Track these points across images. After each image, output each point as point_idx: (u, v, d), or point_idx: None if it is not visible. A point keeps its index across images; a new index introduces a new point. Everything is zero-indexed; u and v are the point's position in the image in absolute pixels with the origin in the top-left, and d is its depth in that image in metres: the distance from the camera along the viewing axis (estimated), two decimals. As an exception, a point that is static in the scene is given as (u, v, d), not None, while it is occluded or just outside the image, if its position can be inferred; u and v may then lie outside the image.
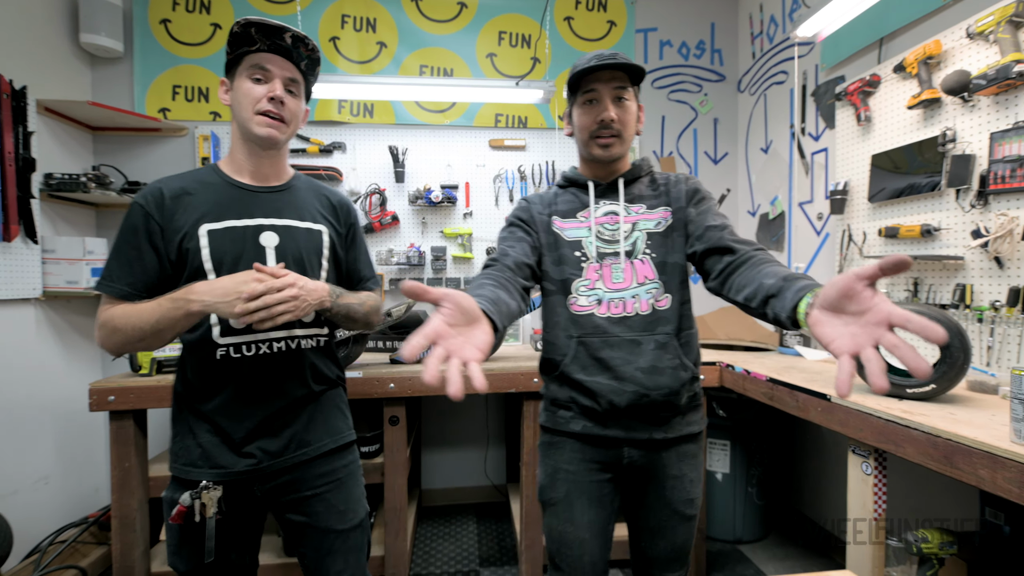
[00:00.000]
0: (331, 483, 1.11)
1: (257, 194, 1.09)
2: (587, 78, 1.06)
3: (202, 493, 0.99)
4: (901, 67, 1.78)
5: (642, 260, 1.10)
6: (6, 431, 1.95)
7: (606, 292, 1.09)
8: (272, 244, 1.06)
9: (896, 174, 1.83)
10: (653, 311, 1.08)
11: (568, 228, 1.14)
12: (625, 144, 1.10)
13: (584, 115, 1.09)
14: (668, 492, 1.10)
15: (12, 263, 1.95)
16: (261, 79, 1.03)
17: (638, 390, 1.05)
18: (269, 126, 1.03)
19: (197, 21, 2.54)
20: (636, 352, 1.06)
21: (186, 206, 1.03)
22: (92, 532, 2.12)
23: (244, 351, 1.03)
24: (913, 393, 1.35)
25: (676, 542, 1.12)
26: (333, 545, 1.10)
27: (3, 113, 1.88)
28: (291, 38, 1.03)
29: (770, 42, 2.62)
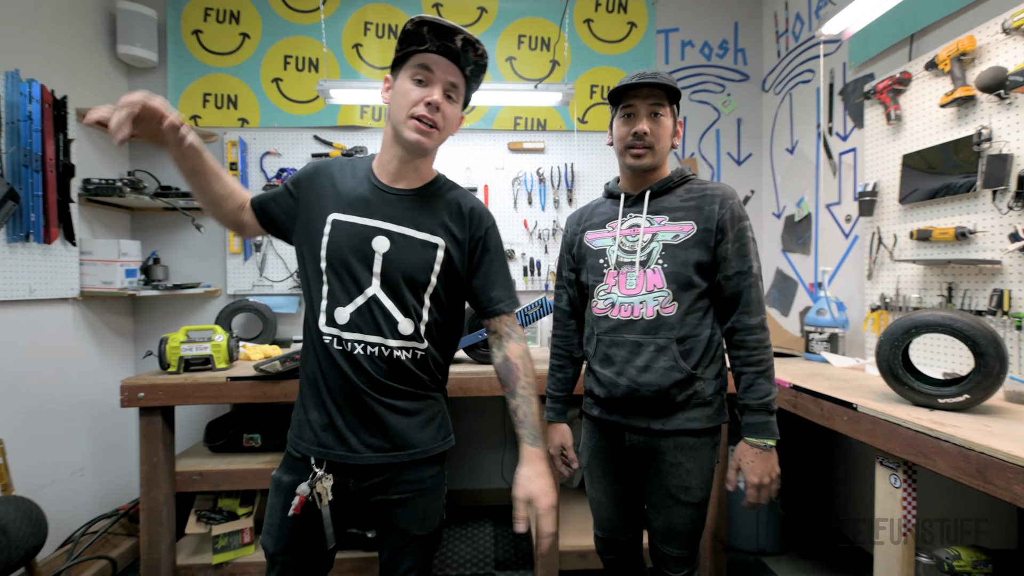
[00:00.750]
0: (417, 491, 1.10)
1: (386, 194, 1.08)
2: (627, 94, 1.19)
3: (317, 483, 1.03)
4: (933, 64, 1.71)
5: (654, 270, 1.19)
6: (45, 424, 2.04)
7: (619, 297, 1.22)
8: (382, 250, 1.04)
9: (929, 174, 1.76)
10: (658, 317, 1.18)
11: (596, 239, 1.29)
12: (657, 156, 1.21)
13: (621, 127, 1.22)
14: (664, 476, 1.23)
15: (52, 264, 2.04)
16: (423, 80, 1.01)
17: (630, 385, 1.19)
18: (419, 131, 1.01)
19: (227, 31, 2.62)
20: (636, 353, 1.19)
21: (329, 189, 1.09)
22: (122, 524, 2.20)
23: (336, 345, 1.05)
24: (945, 403, 1.29)
25: (672, 522, 1.24)
26: (408, 547, 1.12)
27: (45, 122, 1.97)
28: (462, 41, 0.99)
29: (796, 40, 2.56)
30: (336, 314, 1.04)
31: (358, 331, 1.04)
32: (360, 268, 1.04)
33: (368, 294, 1.04)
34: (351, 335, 1.04)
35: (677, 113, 1.24)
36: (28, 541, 1.67)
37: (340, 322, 1.04)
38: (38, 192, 1.94)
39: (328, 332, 1.05)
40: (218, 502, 2.06)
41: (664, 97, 1.18)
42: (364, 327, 1.04)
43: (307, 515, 1.06)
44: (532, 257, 2.71)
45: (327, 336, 1.05)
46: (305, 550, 1.09)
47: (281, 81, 2.64)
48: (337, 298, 1.05)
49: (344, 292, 1.05)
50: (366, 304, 1.04)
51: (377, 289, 1.04)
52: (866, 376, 1.75)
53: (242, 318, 2.54)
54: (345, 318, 1.04)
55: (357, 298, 1.04)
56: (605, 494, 1.34)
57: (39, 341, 2.02)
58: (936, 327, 1.30)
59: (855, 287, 2.19)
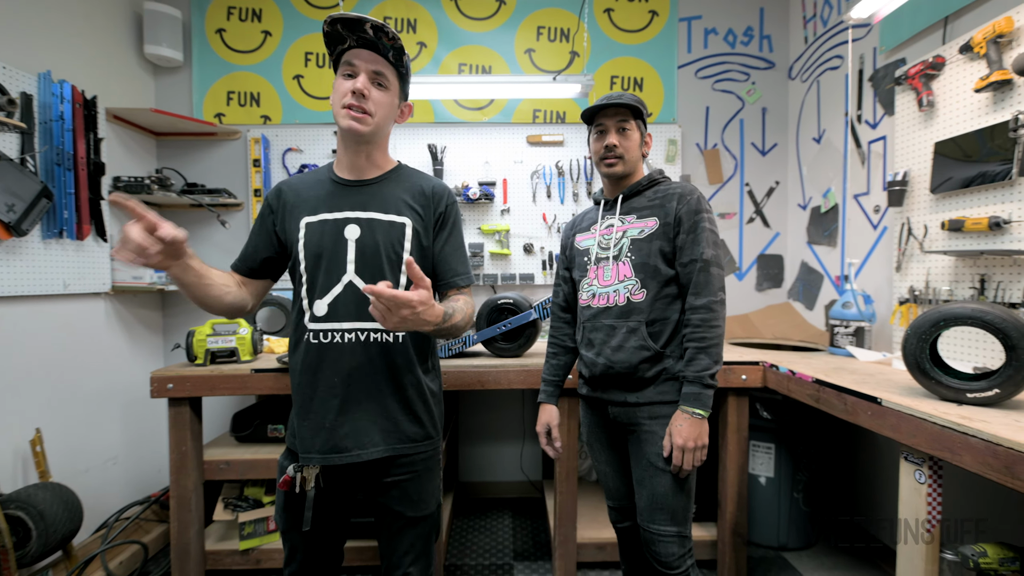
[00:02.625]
0: (410, 473, 1.16)
1: (348, 187, 1.16)
2: (598, 114, 1.38)
3: (303, 468, 1.10)
4: (968, 47, 1.65)
5: (624, 262, 1.36)
6: (81, 414, 2.13)
7: (598, 288, 1.39)
8: (353, 237, 1.12)
9: (962, 162, 1.70)
10: (628, 303, 1.34)
11: (583, 240, 1.48)
12: (628, 164, 1.38)
13: (595, 142, 1.41)
14: (644, 445, 1.34)
15: (84, 260, 2.12)
16: (351, 74, 1.09)
17: (606, 363, 1.36)
18: (351, 118, 1.08)
19: (249, 29, 2.66)
20: (611, 335, 1.36)
21: (295, 200, 1.17)
22: (154, 510, 2.28)
23: (312, 339, 1.11)
24: (974, 398, 1.25)
25: (655, 492, 1.32)
26: (403, 530, 1.17)
27: (76, 121, 2.04)
28: (372, 29, 1.05)
29: (824, 25, 2.49)
30: (315, 307, 1.11)
31: (335, 320, 1.10)
32: (335, 259, 1.11)
33: (344, 281, 1.11)
34: (329, 324, 1.10)
35: (644, 127, 1.41)
36: (65, 526, 1.75)
37: (319, 314, 1.11)
38: (70, 190, 2.01)
39: (311, 328, 1.11)
40: (244, 490, 2.11)
41: (629, 114, 1.36)
42: (342, 314, 1.10)
43: (297, 496, 1.12)
44: (551, 251, 2.71)
45: (309, 332, 1.12)
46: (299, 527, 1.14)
47: (302, 78, 2.68)
48: (315, 293, 1.12)
49: (321, 285, 1.11)
50: (343, 292, 1.11)
51: (352, 275, 1.11)
52: (892, 370, 1.71)
53: (266, 312, 2.60)
54: (323, 309, 1.11)
55: (334, 288, 1.11)
56: (608, 464, 1.50)
57: (73, 334, 2.10)
58: (966, 320, 1.26)
59: (883, 280, 2.13)
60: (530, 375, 1.96)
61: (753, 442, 2.21)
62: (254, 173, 2.64)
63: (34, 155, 1.87)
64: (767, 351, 2.18)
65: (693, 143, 2.78)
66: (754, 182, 2.81)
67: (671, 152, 2.73)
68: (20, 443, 1.84)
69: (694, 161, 2.79)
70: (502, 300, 2.05)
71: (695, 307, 1.29)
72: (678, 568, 1.32)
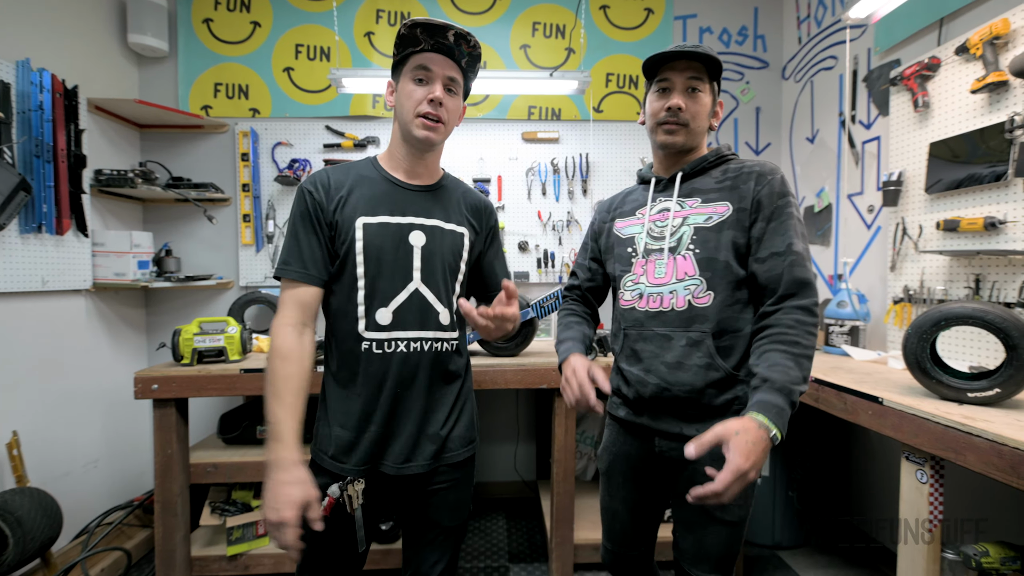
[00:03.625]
0: (452, 481, 1.13)
1: (410, 192, 1.11)
2: (663, 67, 1.08)
3: (348, 486, 1.04)
4: (964, 48, 1.66)
5: (684, 256, 1.09)
6: (59, 416, 2.05)
7: (647, 287, 1.12)
8: (419, 244, 1.07)
9: (957, 163, 1.71)
10: (690, 307, 1.07)
11: (625, 227, 1.20)
12: (692, 135, 1.11)
13: (655, 102, 1.11)
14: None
15: (64, 256, 2.04)
16: (423, 80, 1.04)
17: (660, 383, 1.08)
18: (427, 128, 1.04)
19: (237, 19, 2.59)
20: (665, 347, 1.09)
21: (347, 197, 1.07)
22: (137, 515, 2.21)
23: (376, 348, 1.04)
24: (975, 398, 1.25)
25: (705, 542, 1.10)
26: (437, 539, 1.13)
27: (56, 112, 1.96)
28: (453, 36, 1.02)
29: (818, 26, 2.50)
30: (378, 316, 1.05)
31: (400, 328, 1.05)
32: (400, 265, 1.06)
33: (410, 289, 1.06)
34: (392, 334, 1.05)
35: (718, 91, 1.14)
36: (43, 532, 1.68)
37: (382, 323, 1.05)
38: (50, 183, 1.93)
39: (369, 337, 1.04)
40: (232, 494, 2.06)
41: (703, 71, 1.08)
42: (406, 323, 1.06)
43: (337, 516, 1.05)
44: (546, 249, 2.68)
45: (367, 341, 1.04)
46: (336, 551, 1.08)
47: (292, 70, 2.62)
48: (377, 299, 1.05)
49: (384, 292, 1.05)
50: (408, 300, 1.06)
51: (419, 283, 1.07)
52: (889, 369, 1.72)
53: (254, 310, 2.53)
54: (388, 318, 1.05)
55: (399, 295, 1.06)
56: (623, 503, 1.22)
57: (52, 333, 2.02)
58: (966, 319, 1.26)
59: (877, 279, 2.14)
60: (527, 375, 1.93)
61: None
62: (242, 167, 2.58)
63: (11, 146, 1.79)
64: (762, 350, 2.18)
65: (688, 142, 2.78)
66: (748, 182, 2.81)
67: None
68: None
69: (688, 160, 2.79)
70: (498, 299, 2.02)
71: (791, 307, 1.00)
72: None
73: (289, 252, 1.04)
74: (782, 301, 1.01)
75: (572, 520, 1.97)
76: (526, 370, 1.93)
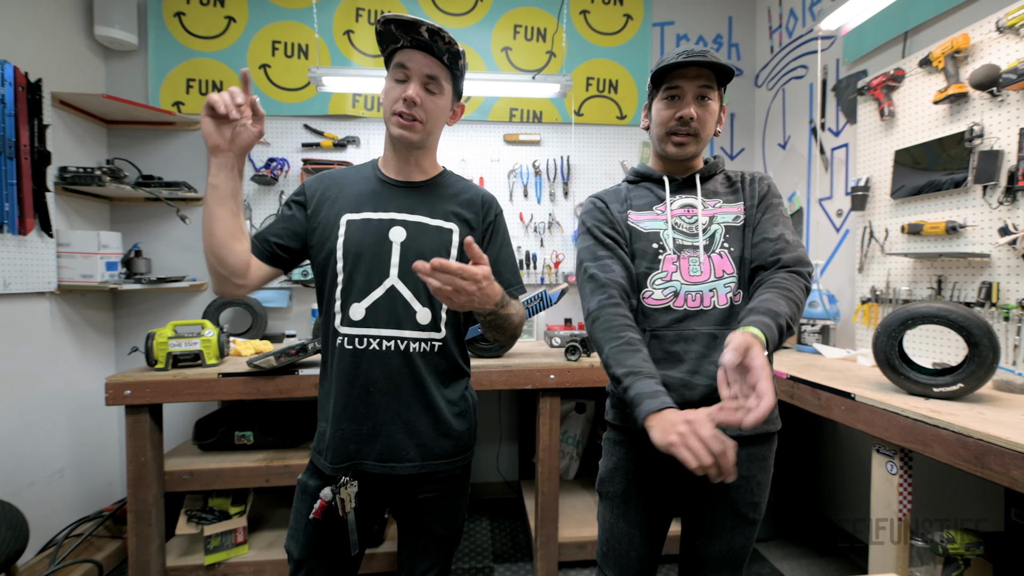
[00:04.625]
0: (444, 490, 1.10)
1: (395, 188, 1.10)
2: (673, 73, 1.06)
3: (341, 489, 1.02)
4: (927, 61, 1.75)
5: (720, 254, 1.07)
6: (23, 424, 1.95)
7: (683, 285, 1.07)
8: (399, 239, 1.06)
9: (921, 170, 1.80)
10: (731, 305, 1.06)
11: (644, 220, 1.12)
12: (701, 144, 1.10)
13: (664, 110, 1.08)
14: (733, 492, 1.06)
15: (27, 256, 1.95)
16: (402, 78, 1.03)
17: (711, 383, 1.01)
18: (401, 127, 1.04)
19: (211, 14, 2.52)
20: (713, 346, 1.04)
21: (337, 195, 1.09)
22: (107, 526, 2.13)
23: (347, 344, 1.03)
24: (940, 392, 1.33)
25: (733, 545, 1.09)
26: (429, 547, 1.12)
27: (19, 106, 1.87)
28: (427, 31, 0.99)
29: (789, 36, 2.59)
30: (351, 311, 1.03)
31: (373, 326, 1.03)
32: (378, 261, 1.04)
33: (386, 285, 1.04)
34: (365, 331, 1.03)
35: (723, 98, 1.12)
36: (8, 546, 1.59)
37: (355, 318, 1.03)
38: (12, 180, 1.84)
39: (343, 332, 1.04)
40: (208, 501, 2.00)
41: (714, 79, 1.06)
42: (379, 321, 1.03)
43: (331, 519, 1.04)
44: (528, 250, 2.70)
45: (341, 336, 1.04)
46: (330, 555, 1.07)
47: (269, 67, 2.56)
48: (351, 295, 1.04)
49: (360, 288, 1.04)
50: (383, 296, 1.04)
51: (395, 279, 1.05)
52: (858, 367, 1.79)
53: (230, 312, 2.47)
54: (360, 314, 1.03)
55: (375, 291, 1.04)
56: (640, 528, 1.12)
57: (14, 338, 1.93)
58: (932, 318, 1.34)
59: (845, 280, 2.23)
60: (512, 375, 1.94)
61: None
62: (216, 166, 2.50)
63: (-29, 141, 1.70)
64: (739, 349, 2.24)
65: (665, 146, 2.84)
66: (722, 185, 2.90)
67: (645, 154, 2.77)
68: (-46, 458, 1.67)
69: (666, 164, 2.85)
70: (483, 300, 2.02)
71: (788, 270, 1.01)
72: None
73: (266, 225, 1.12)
74: (780, 268, 1.02)
75: (556, 519, 1.99)
76: (511, 371, 1.94)
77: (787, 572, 2.08)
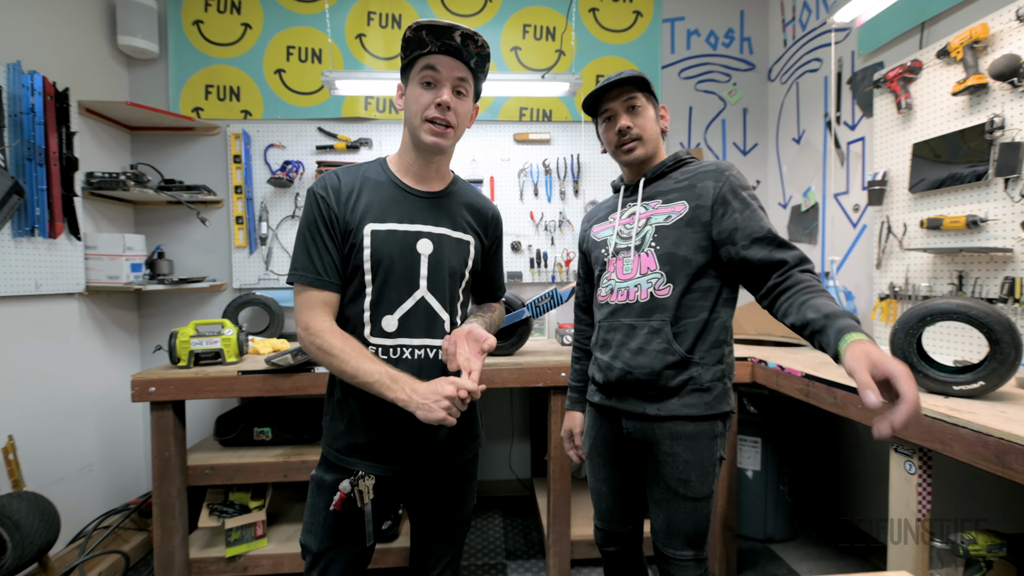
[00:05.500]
0: (455, 478, 1.16)
1: (419, 198, 1.09)
2: (601, 100, 1.22)
3: (360, 481, 1.04)
4: (945, 52, 1.71)
5: (647, 252, 1.20)
6: (53, 420, 2.03)
7: (617, 283, 1.23)
8: (427, 252, 1.07)
9: (939, 163, 1.76)
10: (652, 299, 1.17)
11: (600, 231, 1.32)
12: (648, 144, 1.22)
13: (607, 132, 1.25)
14: (662, 467, 1.18)
15: (57, 259, 2.02)
16: (431, 82, 1.02)
17: (623, 368, 1.19)
18: (435, 134, 1.03)
19: (228, 21, 2.58)
20: (631, 335, 1.19)
21: (356, 201, 1.05)
22: (133, 519, 2.20)
23: (381, 355, 1.04)
24: (960, 390, 1.30)
25: (673, 519, 1.19)
26: (443, 531, 1.17)
27: (47, 114, 1.94)
28: (461, 36, 0.99)
29: (803, 29, 2.55)
30: (383, 323, 1.05)
31: (406, 335, 1.06)
32: (407, 273, 1.06)
33: (416, 297, 1.07)
34: (398, 341, 1.06)
35: (656, 100, 1.25)
36: (41, 536, 1.67)
37: (388, 330, 1.05)
38: (42, 186, 1.92)
39: (374, 342, 1.05)
40: (229, 496, 2.05)
41: (635, 89, 1.19)
42: (412, 331, 1.06)
43: (348, 511, 1.06)
44: (539, 249, 2.71)
45: (373, 347, 1.04)
46: (348, 546, 1.09)
47: (284, 72, 2.61)
48: (383, 307, 1.05)
49: (390, 300, 1.05)
50: (414, 307, 1.06)
51: (425, 291, 1.07)
52: (876, 364, 1.76)
53: (249, 312, 2.53)
54: (393, 325, 1.05)
55: (405, 303, 1.06)
56: (605, 483, 1.33)
57: (46, 337, 2.01)
58: (951, 315, 1.31)
59: (863, 276, 2.19)
60: (523, 373, 1.95)
61: (740, 436, 2.25)
62: (235, 169, 2.57)
63: (3, 149, 1.78)
64: (751, 347, 2.23)
65: (677, 143, 2.82)
66: (737, 181, 2.87)
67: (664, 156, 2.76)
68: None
69: (679, 160, 2.83)
70: (494, 298, 2.04)
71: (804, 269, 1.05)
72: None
73: (300, 258, 1.03)
74: (793, 268, 1.05)
75: (568, 516, 2.00)
76: (522, 369, 1.95)
77: (803, 574, 2.05)
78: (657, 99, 1.25)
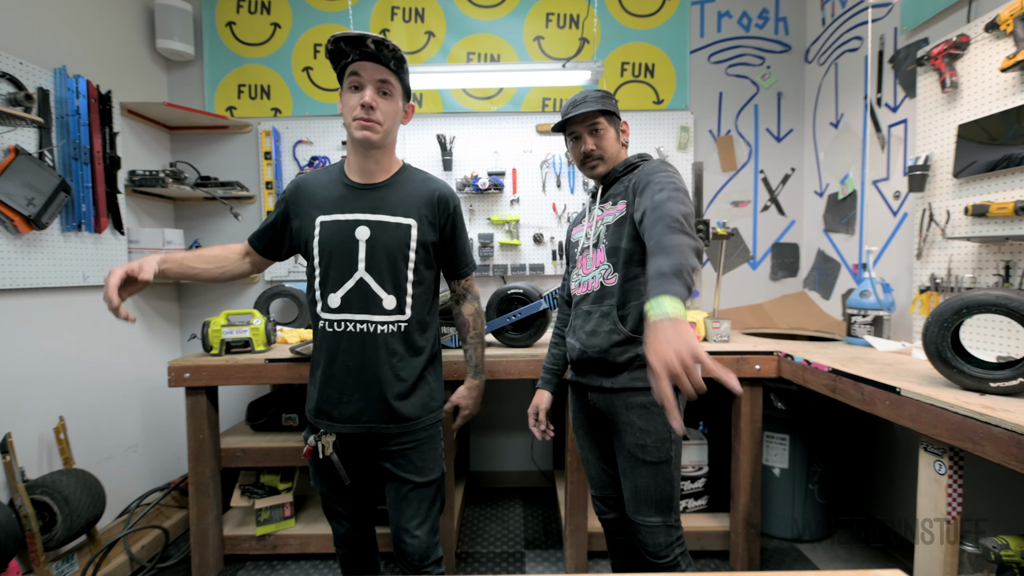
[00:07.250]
0: (413, 443, 1.30)
1: (359, 191, 1.27)
2: (568, 124, 1.38)
3: (321, 437, 1.27)
4: (994, 25, 1.58)
5: (599, 248, 1.37)
6: (102, 403, 2.18)
7: (582, 276, 1.42)
8: (364, 238, 1.24)
9: (988, 145, 1.64)
10: (602, 288, 1.35)
11: (576, 233, 1.51)
12: (609, 162, 1.39)
13: (573, 150, 1.41)
14: (622, 436, 1.33)
15: (103, 252, 2.16)
16: (357, 86, 1.18)
17: (581, 347, 1.37)
18: (364, 129, 1.18)
19: (258, 21, 2.67)
20: (587, 320, 1.38)
21: (311, 199, 1.29)
22: (173, 496, 2.34)
23: (328, 328, 1.25)
24: (998, 388, 1.22)
25: (638, 484, 1.32)
26: (409, 494, 1.30)
27: (92, 116, 2.06)
28: (373, 43, 1.14)
29: (843, 6, 2.41)
30: (329, 300, 1.25)
31: (348, 312, 1.24)
32: (347, 257, 1.23)
33: (356, 278, 1.24)
34: (342, 316, 1.24)
35: (617, 119, 1.40)
36: (88, 511, 1.80)
37: (333, 306, 1.25)
38: (87, 184, 2.04)
39: (324, 317, 1.26)
40: (260, 478, 2.15)
41: (598, 115, 1.34)
42: (353, 307, 1.24)
43: (324, 462, 1.30)
44: (561, 241, 2.69)
45: (323, 320, 1.26)
46: (336, 487, 1.34)
47: (311, 70, 2.68)
48: (328, 286, 1.25)
49: (334, 280, 1.24)
50: (354, 287, 1.24)
51: (363, 272, 1.24)
52: (912, 360, 1.67)
53: (279, 303, 2.63)
54: (337, 302, 1.24)
55: (347, 283, 1.24)
56: (590, 451, 1.50)
57: (93, 325, 2.14)
58: (989, 307, 1.22)
59: (903, 268, 2.08)
60: (540, 365, 1.94)
61: (767, 433, 2.18)
62: (265, 166, 2.66)
63: (51, 149, 1.90)
64: (782, 341, 2.15)
65: (706, 130, 2.73)
66: (769, 169, 2.75)
67: (683, 139, 2.68)
68: (44, 431, 1.89)
69: (707, 148, 2.74)
70: (512, 290, 2.05)
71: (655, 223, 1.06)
72: (666, 557, 1.32)
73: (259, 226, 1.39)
74: (651, 229, 1.07)
75: (586, 508, 1.99)
76: (539, 360, 1.95)
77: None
78: (619, 117, 1.41)
